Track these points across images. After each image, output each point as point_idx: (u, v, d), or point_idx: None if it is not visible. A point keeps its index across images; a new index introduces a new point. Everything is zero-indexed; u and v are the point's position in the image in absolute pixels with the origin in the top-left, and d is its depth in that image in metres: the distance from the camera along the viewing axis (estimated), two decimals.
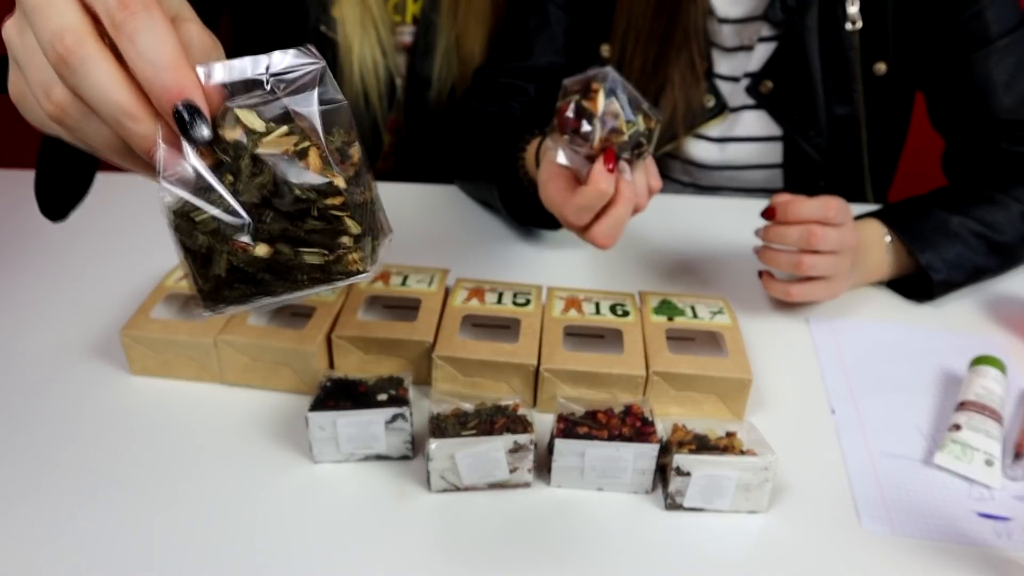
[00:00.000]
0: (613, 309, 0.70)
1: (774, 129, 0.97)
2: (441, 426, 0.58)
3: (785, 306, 0.80)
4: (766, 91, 0.94)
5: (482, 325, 0.72)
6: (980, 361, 0.69)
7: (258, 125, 0.35)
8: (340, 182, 0.35)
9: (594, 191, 0.60)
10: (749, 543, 0.56)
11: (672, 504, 0.57)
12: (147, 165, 0.36)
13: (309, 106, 0.36)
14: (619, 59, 0.94)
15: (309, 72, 0.36)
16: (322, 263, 0.36)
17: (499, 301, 0.70)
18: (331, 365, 0.67)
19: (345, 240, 0.36)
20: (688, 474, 0.55)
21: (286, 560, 0.53)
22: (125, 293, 0.78)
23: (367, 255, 0.37)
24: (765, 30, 0.92)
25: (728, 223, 0.81)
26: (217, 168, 0.35)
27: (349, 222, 0.36)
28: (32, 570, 0.52)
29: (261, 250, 0.36)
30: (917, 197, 0.86)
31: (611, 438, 0.57)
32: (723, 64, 0.96)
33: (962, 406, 0.65)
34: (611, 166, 0.59)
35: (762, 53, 0.94)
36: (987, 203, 0.82)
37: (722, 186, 1.05)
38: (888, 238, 0.80)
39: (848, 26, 0.89)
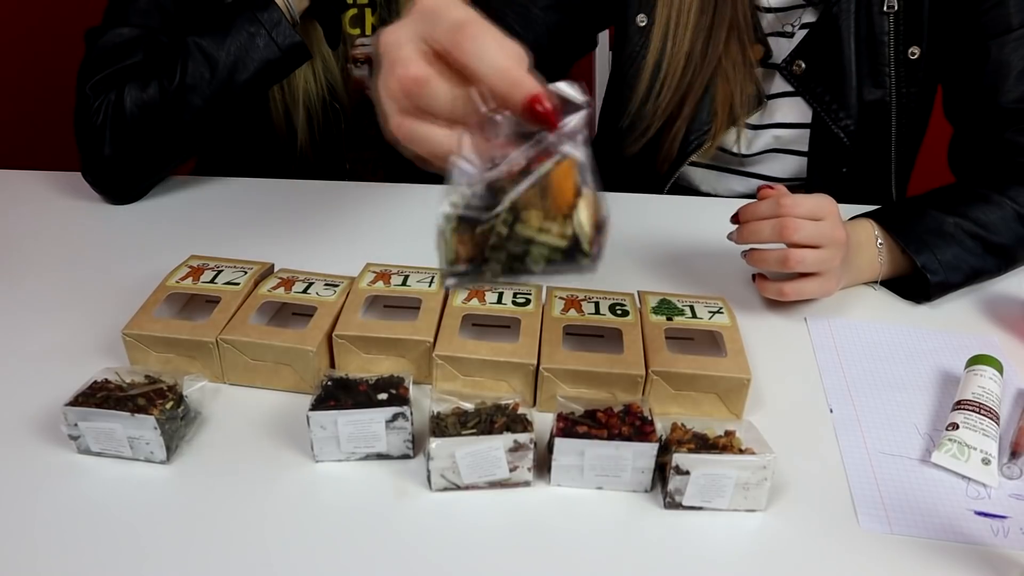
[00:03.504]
0: (612, 309, 0.70)
1: (804, 116, 0.97)
2: (441, 425, 0.58)
3: (783, 306, 0.80)
4: (799, 71, 0.94)
5: (482, 325, 0.72)
6: (977, 360, 0.69)
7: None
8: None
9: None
10: (748, 541, 0.56)
11: (671, 503, 0.57)
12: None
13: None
14: (662, 42, 0.94)
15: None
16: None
17: (499, 301, 0.70)
18: (332, 364, 0.68)
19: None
20: (687, 473, 0.56)
21: (287, 559, 0.53)
22: (127, 293, 0.78)
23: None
24: (808, 16, 0.93)
25: (727, 223, 0.81)
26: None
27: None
28: (29, 558, 0.52)
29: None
30: (913, 197, 0.86)
31: (610, 437, 0.57)
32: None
33: (959, 405, 0.65)
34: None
35: (800, 39, 0.94)
36: (983, 204, 0.82)
37: (744, 171, 1.05)
38: (880, 239, 0.80)
39: (884, 8, 0.89)
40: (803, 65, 0.93)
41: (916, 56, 0.91)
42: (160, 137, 0.91)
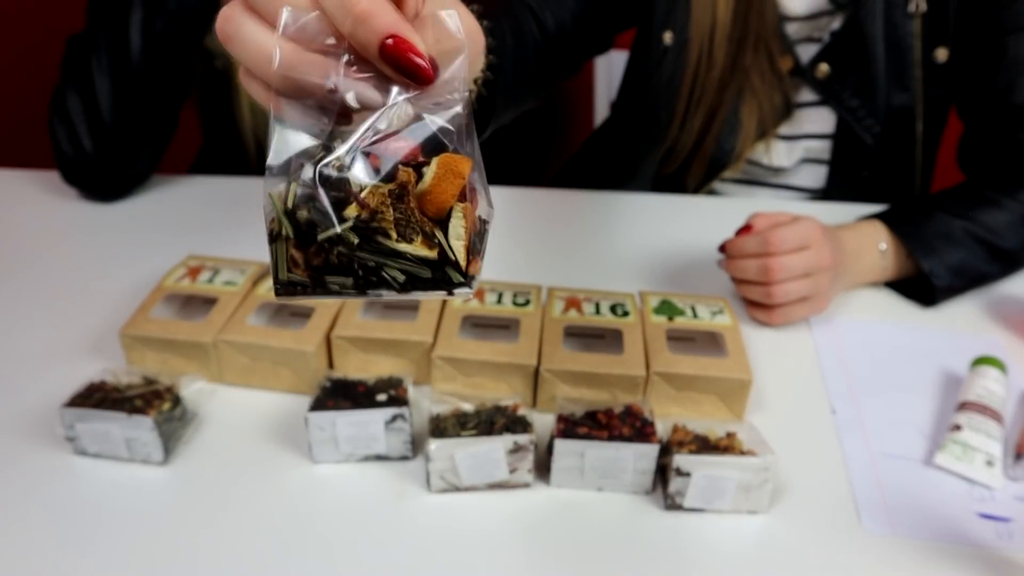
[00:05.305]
0: (613, 309, 0.70)
1: (827, 126, 0.96)
2: (441, 426, 0.58)
3: None
4: (822, 76, 0.92)
5: (482, 325, 0.72)
6: (981, 361, 0.68)
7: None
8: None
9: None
10: (749, 544, 0.55)
11: (672, 504, 0.57)
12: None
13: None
14: (696, 62, 0.93)
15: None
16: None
17: (499, 301, 0.70)
18: (330, 365, 0.67)
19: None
20: (688, 474, 0.55)
21: (286, 560, 0.53)
22: (124, 293, 0.78)
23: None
24: (836, 23, 0.91)
25: (729, 223, 0.81)
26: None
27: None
28: (25, 560, 0.52)
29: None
30: (920, 198, 0.85)
31: (611, 438, 0.56)
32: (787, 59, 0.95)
33: (963, 406, 0.65)
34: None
35: (825, 43, 0.92)
36: (991, 207, 0.81)
37: (776, 183, 1.04)
38: (883, 244, 0.79)
39: (911, 9, 0.87)
40: (827, 69, 0.92)
41: (943, 60, 0.89)
42: (96, 120, 0.90)
